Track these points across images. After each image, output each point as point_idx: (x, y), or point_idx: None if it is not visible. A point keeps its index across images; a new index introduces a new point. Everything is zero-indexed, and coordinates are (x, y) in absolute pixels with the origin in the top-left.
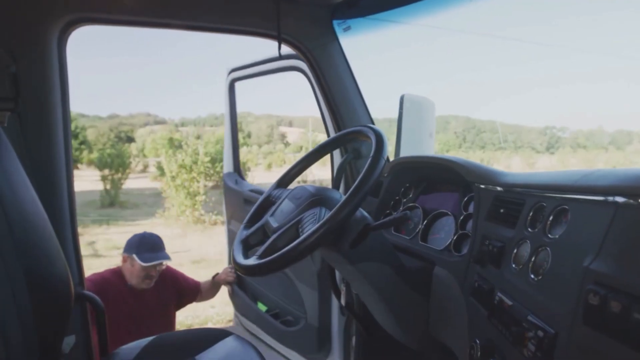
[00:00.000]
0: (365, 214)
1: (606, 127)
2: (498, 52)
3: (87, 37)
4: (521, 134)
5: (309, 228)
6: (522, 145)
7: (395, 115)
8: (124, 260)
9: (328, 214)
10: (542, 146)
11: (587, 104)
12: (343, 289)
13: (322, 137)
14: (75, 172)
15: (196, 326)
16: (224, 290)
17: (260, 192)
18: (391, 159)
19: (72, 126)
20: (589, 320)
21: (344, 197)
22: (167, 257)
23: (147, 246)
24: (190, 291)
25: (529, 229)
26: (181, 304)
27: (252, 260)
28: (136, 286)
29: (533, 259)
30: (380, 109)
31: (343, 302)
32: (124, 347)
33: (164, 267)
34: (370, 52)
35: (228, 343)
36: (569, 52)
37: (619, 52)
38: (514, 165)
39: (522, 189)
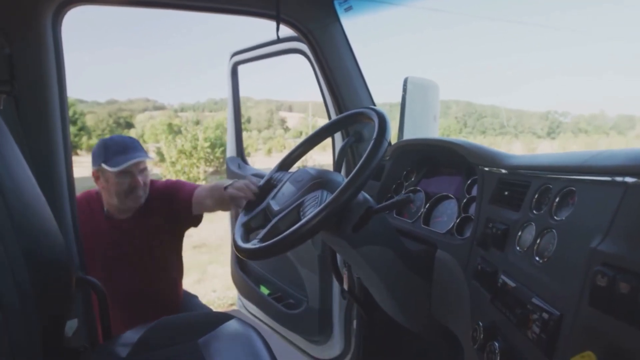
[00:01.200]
0: (368, 197)
1: (608, 112)
2: (499, 41)
3: (88, 30)
4: (522, 118)
5: (311, 211)
6: (523, 130)
7: (395, 99)
8: (96, 179)
9: (330, 197)
10: (544, 131)
11: (589, 90)
12: (344, 272)
13: (323, 122)
14: (75, 159)
15: None
16: (226, 276)
17: (263, 176)
18: (393, 142)
19: (71, 112)
20: (595, 302)
21: (346, 180)
22: (146, 156)
23: (115, 148)
24: (183, 208)
25: (534, 211)
26: (182, 229)
27: (253, 244)
28: (120, 207)
29: (538, 241)
30: (380, 93)
31: (345, 286)
32: (127, 331)
33: (148, 171)
34: (371, 34)
35: (230, 326)
36: (580, 39)
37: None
38: (514, 150)
39: (528, 170)
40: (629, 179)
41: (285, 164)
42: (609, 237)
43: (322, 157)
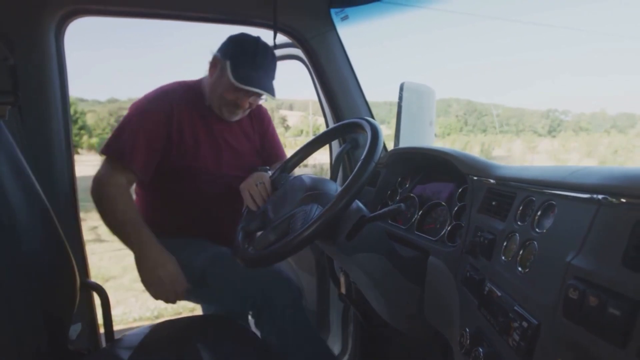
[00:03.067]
0: (361, 205)
1: (609, 110)
2: (500, 39)
3: (89, 30)
4: (523, 117)
5: (300, 226)
6: (523, 128)
7: (396, 98)
8: (213, 66)
9: (320, 212)
10: (544, 129)
11: (590, 87)
12: (341, 276)
13: (323, 121)
14: (76, 157)
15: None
16: None
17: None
18: (391, 147)
19: (71, 111)
20: (568, 314)
21: (339, 190)
22: (271, 91)
23: (251, 58)
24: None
25: (519, 222)
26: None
27: (247, 251)
28: (215, 109)
29: (521, 252)
30: (381, 92)
31: (342, 289)
32: (129, 333)
33: (262, 100)
34: (372, 35)
35: (230, 329)
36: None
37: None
38: (515, 148)
39: (514, 182)
40: (601, 197)
41: (286, 167)
42: (583, 251)
43: (323, 157)
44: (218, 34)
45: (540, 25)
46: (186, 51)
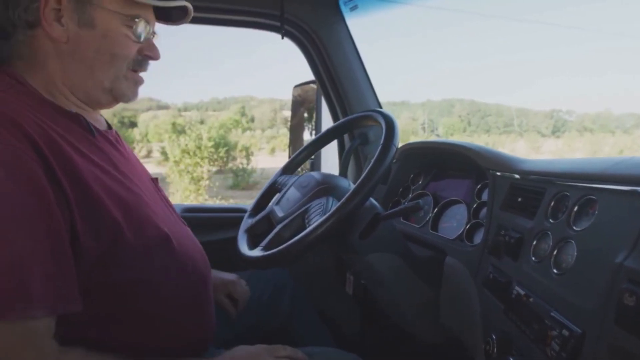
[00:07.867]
0: (375, 202)
1: (614, 110)
2: (502, 39)
3: None
4: (527, 117)
5: (316, 219)
6: (527, 129)
7: (398, 98)
8: (57, 15)
9: (336, 205)
10: (548, 130)
11: (594, 87)
12: (350, 278)
13: None
14: None
15: None
16: None
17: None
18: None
19: None
20: (622, 322)
21: (353, 186)
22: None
23: None
24: None
25: (551, 220)
26: None
27: (257, 252)
28: (97, 97)
29: (555, 252)
30: (382, 92)
31: (350, 291)
32: None
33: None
34: (374, 33)
35: None
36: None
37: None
38: (518, 149)
39: (542, 176)
40: None
41: (289, 168)
42: (636, 251)
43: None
44: (220, 29)
45: (545, 25)
46: (189, 50)
